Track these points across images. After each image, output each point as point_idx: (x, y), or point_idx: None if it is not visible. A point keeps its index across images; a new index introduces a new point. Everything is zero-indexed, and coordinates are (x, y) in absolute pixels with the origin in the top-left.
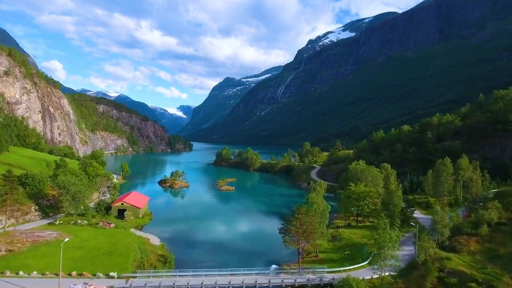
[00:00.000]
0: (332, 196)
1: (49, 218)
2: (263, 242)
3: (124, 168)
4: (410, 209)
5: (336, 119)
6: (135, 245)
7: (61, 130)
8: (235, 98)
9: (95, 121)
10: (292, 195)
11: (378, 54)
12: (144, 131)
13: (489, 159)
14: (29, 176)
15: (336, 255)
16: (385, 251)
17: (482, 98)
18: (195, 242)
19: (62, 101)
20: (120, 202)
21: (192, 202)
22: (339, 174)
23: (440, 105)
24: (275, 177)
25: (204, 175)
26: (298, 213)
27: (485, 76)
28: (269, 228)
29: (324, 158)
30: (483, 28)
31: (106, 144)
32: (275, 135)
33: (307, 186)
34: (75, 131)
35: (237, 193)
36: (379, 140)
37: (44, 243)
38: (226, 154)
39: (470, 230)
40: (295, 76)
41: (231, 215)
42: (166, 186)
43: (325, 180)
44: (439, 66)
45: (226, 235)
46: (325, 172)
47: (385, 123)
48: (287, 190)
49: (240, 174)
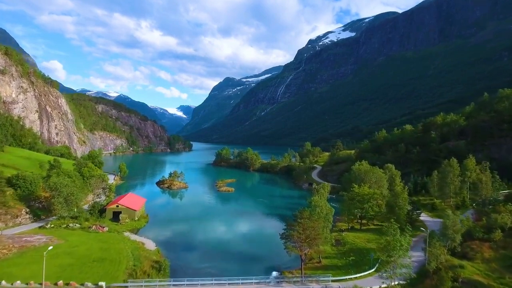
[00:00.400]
0: (334, 197)
1: (40, 221)
2: (263, 246)
3: (121, 169)
4: (417, 212)
5: (336, 119)
6: (128, 251)
7: (58, 130)
8: (235, 98)
9: (94, 121)
10: (293, 196)
11: (378, 54)
12: (144, 131)
13: (495, 159)
14: (20, 178)
15: (340, 261)
16: (396, 259)
17: (487, 97)
18: (193, 246)
19: (60, 100)
20: (115, 204)
21: (190, 204)
22: (341, 175)
23: (440, 105)
24: (275, 178)
25: (203, 176)
26: (301, 217)
27: (485, 76)
28: (270, 231)
29: (325, 159)
30: (484, 28)
31: (105, 144)
32: (275, 135)
33: (308, 187)
34: (73, 131)
35: (236, 194)
36: (381, 140)
37: (32, 249)
38: (226, 154)
39: (482, 235)
40: (295, 76)
41: (230, 217)
42: (164, 187)
43: (326, 180)
44: (439, 66)
45: (224, 238)
46: (326, 172)
47: (386, 123)
48: (287, 191)
49: (240, 175)
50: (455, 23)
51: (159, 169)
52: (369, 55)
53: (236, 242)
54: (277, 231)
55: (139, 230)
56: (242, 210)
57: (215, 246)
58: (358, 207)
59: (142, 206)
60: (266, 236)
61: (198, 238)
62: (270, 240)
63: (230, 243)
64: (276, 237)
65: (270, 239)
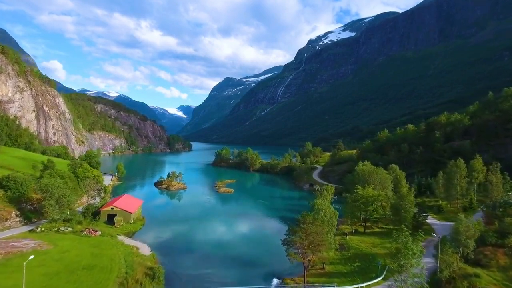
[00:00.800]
0: (336, 198)
1: (31, 224)
2: (264, 250)
3: (119, 169)
4: (423, 215)
5: (336, 119)
6: (121, 257)
7: (56, 129)
8: (235, 98)
9: (93, 121)
10: (294, 198)
11: (379, 54)
12: (143, 131)
13: (501, 159)
14: (11, 179)
15: (345, 267)
16: (408, 269)
17: (491, 96)
18: (190, 251)
19: (58, 100)
20: (110, 207)
21: (188, 205)
22: (343, 176)
23: (441, 105)
24: (276, 178)
25: (203, 176)
26: (304, 222)
27: (485, 76)
28: (270, 234)
29: (326, 159)
30: (484, 28)
31: (104, 144)
32: (275, 135)
33: (309, 188)
34: (71, 131)
35: (236, 195)
36: (383, 140)
37: (18, 255)
38: (226, 154)
39: (496, 240)
40: (295, 76)
41: (229, 219)
42: (162, 188)
43: (327, 181)
44: (439, 66)
45: (223, 242)
46: (327, 173)
47: (386, 123)
48: (288, 192)
49: (240, 175)
50: (455, 23)
51: (158, 169)
52: (369, 55)
53: (235, 246)
54: (278, 234)
55: (134, 234)
56: (242, 211)
57: (213, 250)
58: (362, 210)
59: (138, 208)
60: (266, 239)
61: (195, 241)
62: (270, 244)
63: (228, 246)
64: (277, 241)
65: (270, 242)
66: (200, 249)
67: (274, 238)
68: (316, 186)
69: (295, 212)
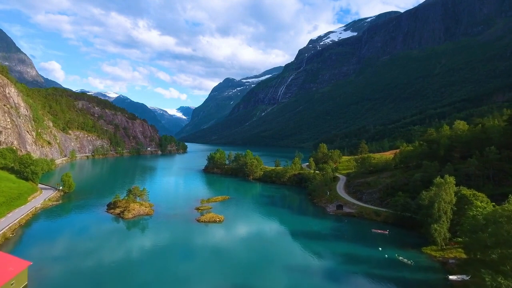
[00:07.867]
0: (387, 233)
1: None
2: None
3: (65, 181)
4: None
5: (339, 119)
6: None
7: (2, 127)
8: (235, 99)
9: (69, 119)
10: (322, 235)
11: (382, 53)
12: (131, 130)
13: None
14: None
15: None
16: None
17: None
18: None
19: (8, 90)
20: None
21: (136, 261)
22: (386, 192)
23: (452, 104)
24: (283, 191)
25: (186, 189)
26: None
27: (498, 74)
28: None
29: (344, 164)
30: (491, 26)
31: (82, 146)
32: (276, 136)
33: (335, 211)
34: (27, 129)
35: (225, 228)
36: (445, 141)
37: None
38: (220, 158)
39: None
40: (296, 76)
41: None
42: (115, 214)
43: (359, 199)
44: (446, 64)
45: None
46: (357, 187)
47: (394, 123)
48: (306, 219)
49: (236, 186)
50: (462, 21)
51: (131, 179)
52: (372, 54)
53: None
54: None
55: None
56: (232, 278)
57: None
58: None
59: (12, 278)
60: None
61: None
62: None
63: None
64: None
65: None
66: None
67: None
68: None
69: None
